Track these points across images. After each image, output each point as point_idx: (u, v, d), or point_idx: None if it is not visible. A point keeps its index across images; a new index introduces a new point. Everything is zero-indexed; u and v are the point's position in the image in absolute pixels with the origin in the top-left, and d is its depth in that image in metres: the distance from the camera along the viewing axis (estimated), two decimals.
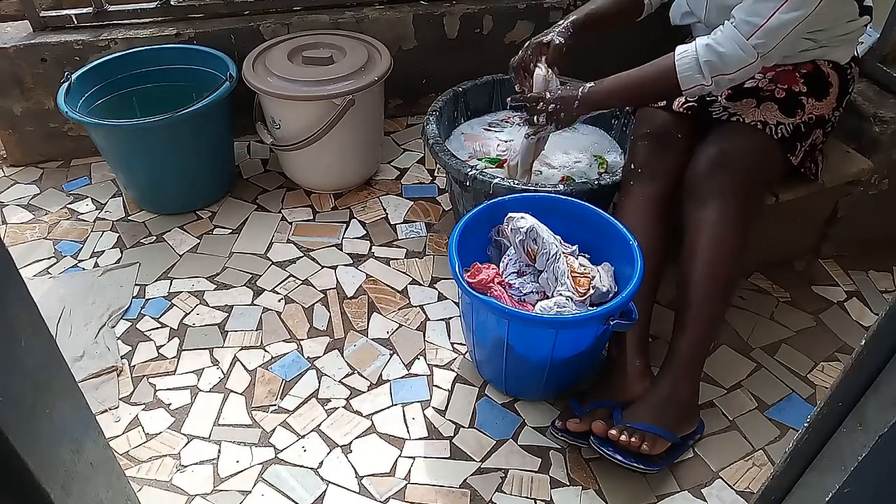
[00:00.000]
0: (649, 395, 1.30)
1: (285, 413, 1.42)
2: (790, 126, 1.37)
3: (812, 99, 1.40)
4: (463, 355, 1.53)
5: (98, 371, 1.48)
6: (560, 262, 1.29)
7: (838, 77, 1.42)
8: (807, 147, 1.42)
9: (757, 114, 1.37)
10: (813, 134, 1.41)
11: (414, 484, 1.30)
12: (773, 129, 1.36)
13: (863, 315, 1.64)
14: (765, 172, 1.38)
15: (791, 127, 1.37)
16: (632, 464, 1.23)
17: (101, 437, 0.65)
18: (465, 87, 1.83)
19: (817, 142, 1.44)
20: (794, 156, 1.40)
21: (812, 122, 1.40)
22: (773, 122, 1.36)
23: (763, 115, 1.37)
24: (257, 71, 1.80)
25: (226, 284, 1.69)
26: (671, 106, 1.45)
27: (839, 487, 0.64)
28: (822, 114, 1.41)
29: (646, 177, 1.41)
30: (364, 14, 2.05)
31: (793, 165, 1.41)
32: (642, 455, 1.23)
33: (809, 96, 1.40)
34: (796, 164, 1.41)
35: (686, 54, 1.29)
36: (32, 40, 1.90)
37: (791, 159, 1.39)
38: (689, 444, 1.34)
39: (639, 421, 1.25)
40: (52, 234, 1.84)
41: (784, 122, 1.37)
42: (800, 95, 1.39)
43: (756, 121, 1.36)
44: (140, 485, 1.30)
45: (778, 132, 1.36)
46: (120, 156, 1.81)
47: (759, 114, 1.37)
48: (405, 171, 2.05)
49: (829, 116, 1.43)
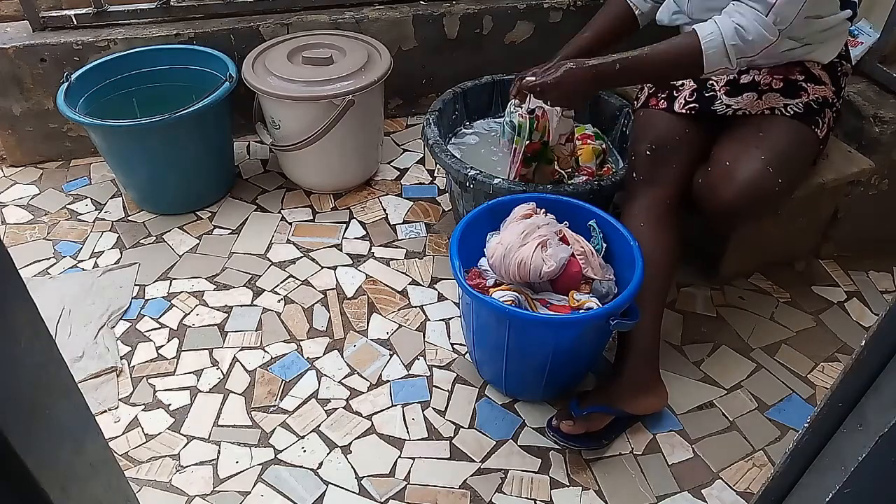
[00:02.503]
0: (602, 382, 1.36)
1: (285, 414, 1.41)
2: (800, 104, 1.35)
3: (811, 84, 1.39)
4: (463, 356, 1.53)
5: (98, 371, 1.48)
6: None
7: (828, 74, 1.41)
8: (826, 124, 1.39)
9: (762, 104, 1.36)
10: (825, 113, 1.38)
11: (414, 484, 1.30)
12: (783, 110, 1.35)
13: (863, 315, 1.64)
14: (798, 155, 1.35)
15: (802, 105, 1.35)
16: (573, 445, 1.33)
17: (100, 438, 0.65)
18: (465, 87, 1.82)
19: (831, 123, 1.41)
20: (819, 128, 1.37)
21: (819, 101, 1.37)
22: (779, 105, 1.35)
23: (768, 103, 1.36)
24: (257, 71, 1.80)
25: (225, 285, 1.69)
26: (673, 107, 1.43)
27: (839, 488, 0.64)
28: (825, 95, 1.39)
29: (649, 185, 1.39)
30: (364, 14, 2.05)
31: (818, 138, 1.38)
32: (587, 435, 1.33)
33: (807, 82, 1.39)
34: (821, 136, 1.38)
35: (713, 38, 1.24)
36: (32, 40, 1.89)
37: (816, 131, 1.36)
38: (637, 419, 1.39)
39: (587, 406, 1.32)
40: (51, 235, 1.84)
41: (791, 103, 1.36)
42: (798, 82, 1.38)
43: (762, 109, 1.35)
44: (139, 485, 1.30)
45: (789, 111, 1.35)
46: (120, 156, 1.81)
47: (763, 104, 1.36)
48: (405, 171, 2.05)
49: (832, 100, 1.41)
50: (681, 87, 1.45)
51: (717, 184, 1.31)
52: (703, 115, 1.41)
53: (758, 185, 1.28)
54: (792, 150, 1.33)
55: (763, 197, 1.29)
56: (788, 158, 1.31)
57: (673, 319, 1.61)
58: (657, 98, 1.48)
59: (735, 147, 1.33)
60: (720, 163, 1.33)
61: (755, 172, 1.28)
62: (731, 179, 1.29)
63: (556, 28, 2.15)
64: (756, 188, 1.28)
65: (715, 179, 1.32)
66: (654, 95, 1.49)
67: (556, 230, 1.32)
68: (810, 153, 1.41)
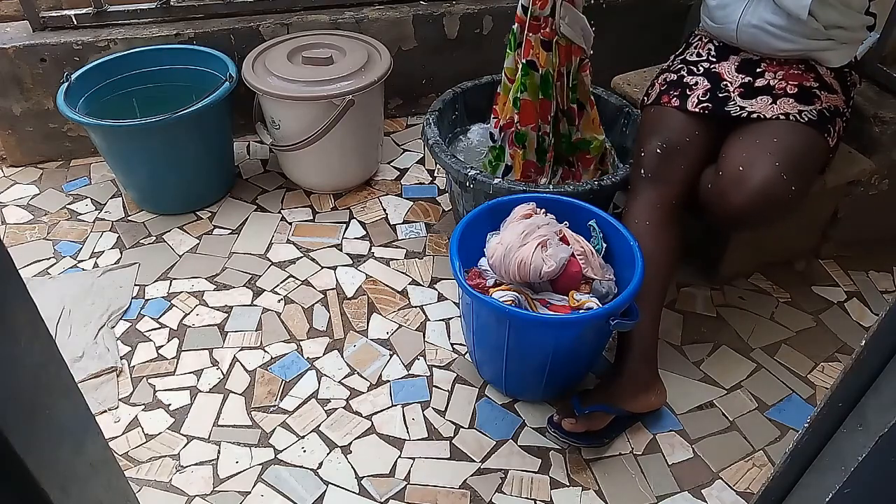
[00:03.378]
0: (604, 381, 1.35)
1: (285, 414, 1.41)
2: (814, 111, 1.35)
3: (825, 92, 1.39)
4: (463, 356, 1.53)
5: (98, 371, 1.48)
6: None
7: (839, 83, 1.42)
8: (837, 133, 1.38)
9: (776, 108, 1.35)
10: (836, 122, 1.38)
11: (414, 484, 1.30)
12: (798, 116, 1.34)
13: (863, 315, 1.64)
14: (811, 162, 1.34)
15: (816, 112, 1.35)
16: (575, 442, 1.33)
17: (100, 438, 0.65)
18: (465, 87, 1.82)
19: (841, 132, 1.41)
20: (830, 136, 1.36)
21: (831, 109, 1.37)
22: (794, 111, 1.34)
23: (783, 108, 1.35)
24: (257, 71, 1.80)
25: (225, 285, 1.69)
26: (685, 106, 1.42)
27: (839, 488, 0.64)
28: (836, 104, 1.39)
29: (656, 183, 1.38)
30: (364, 14, 2.05)
31: (829, 147, 1.37)
32: (588, 434, 1.33)
33: (821, 90, 1.39)
34: (832, 144, 1.38)
35: None
36: (32, 40, 1.89)
37: (828, 139, 1.36)
38: (639, 418, 1.39)
39: (590, 405, 1.32)
40: (51, 235, 1.84)
41: (805, 109, 1.35)
42: (812, 89, 1.38)
43: (777, 114, 1.34)
44: (139, 485, 1.30)
45: (803, 117, 1.34)
46: (120, 156, 1.81)
47: (777, 108, 1.35)
48: (405, 171, 2.05)
49: (843, 109, 1.41)
50: (694, 86, 1.45)
51: (729, 189, 1.29)
52: (716, 116, 1.40)
53: (771, 191, 1.26)
54: (805, 157, 1.31)
55: (775, 203, 1.27)
56: (802, 165, 1.30)
57: (673, 319, 1.61)
58: (669, 95, 1.46)
59: (748, 152, 1.31)
60: (733, 168, 1.30)
61: (768, 179, 1.26)
62: (744, 185, 1.27)
63: None
64: (769, 195, 1.26)
65: (727, 184, 1.30)
66: (666, 93, 1.48)
67: (556, 230, 1.32)
68: (821, 161, 1.40)
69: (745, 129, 1.36)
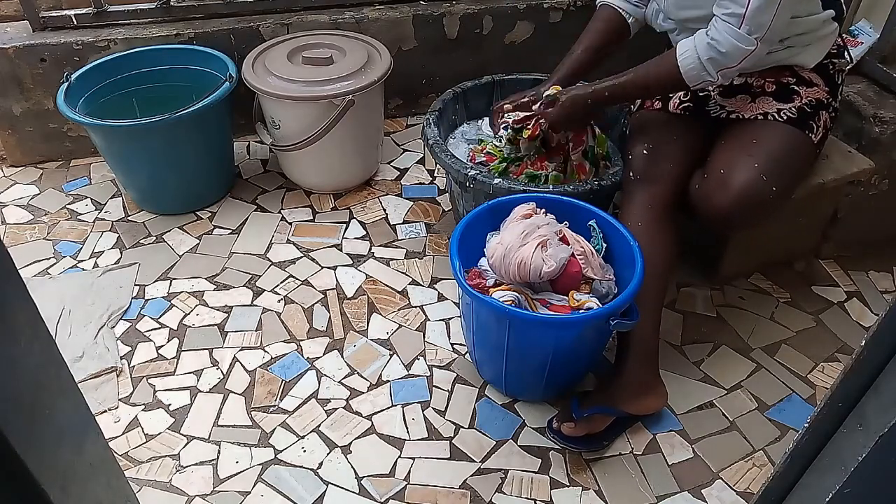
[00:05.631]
0: (603, 382, 1.36)
1: (285, 414, 1.41)
2: (794, 109, 1.36)
3: (803, 87, 1.39)
4: (463, 356, 1.53)
5: (98, 371, 1.48)
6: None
7: (819, 75, 1.41)
8: (822, 127, 1.39)
9: (755, 108, 1.37)
10: (820, 116, 1.39)
11: (414, 484, 1.30)
12: (776, 115, 1.35)
13: (863, 315, 1.64)
14: (792, 161, 1.35)
15: (795, 109, 1.36)
16: (574, 446, 1.34)
17: (100, 438, 0.65)
18: (465, 87, 1.82)
19: (827, 124, 1.41)
20: (814, 132, 1.37)
21: (813, 104, 1.38)
22: (772, 110, 1.36)
23: (761, 107, 1.37)
24: (257, 71, 1.80)
25: (225, 285, 1.69)
26: (667, 107, 1.45)
27: (839, 488, 0.64)
28: (818, 97, 1.39)
29: (645, 184, 1.39)
30: (364, 14, 2.05)
31: (813, 142, 1.37)
32: (588, 437, 1.34)
33: (799, 85, 1.39)
34: (816, 141, 1.38)
35: (687, 55, 1.28)
36: (32, 40, 1.89)
37: (810, 136, 1.36)
38: (637, 419, 1.39)
39: (589, 407, 1.32)
40: (51, 235, 1.84)
41: (784, 108, 1.36)
42: (790, 85, 1.39)
43: (755, 114, 1.36)
44: (139, 485, 1.30)
45: (782, 116, 1.35)
46: (120, 156, 1.81)
47: (756, 107, 1.37)
48: (405, 171, 2.05)
49: (827, 100, 1.40)
50: None
51: (712, 192, 1.32)
52: (699, 116, 1.42)
53: (752, 193, 1.28)
54: (785, 156, 1.33)
55: (757, 204, 1.30)
56: (782, 166, 1.32)
57: (673, 319, 1.61)
58: (651, 101, 1.49)
59: (729, 154, 1.34)
60: (714, 170, 1.34)
61: (749, 181, 1.28)
62: (726, 188, 1.30)
63: (556, 28, 2.15)
64: (750, 196, 1.28)
65: (710, 187, 1.33)
66: (648, 98, 1.50)
67: (556, 230, 1.32)
68: (805, 159, 1.41)
69: (726, 131, 1.39)
